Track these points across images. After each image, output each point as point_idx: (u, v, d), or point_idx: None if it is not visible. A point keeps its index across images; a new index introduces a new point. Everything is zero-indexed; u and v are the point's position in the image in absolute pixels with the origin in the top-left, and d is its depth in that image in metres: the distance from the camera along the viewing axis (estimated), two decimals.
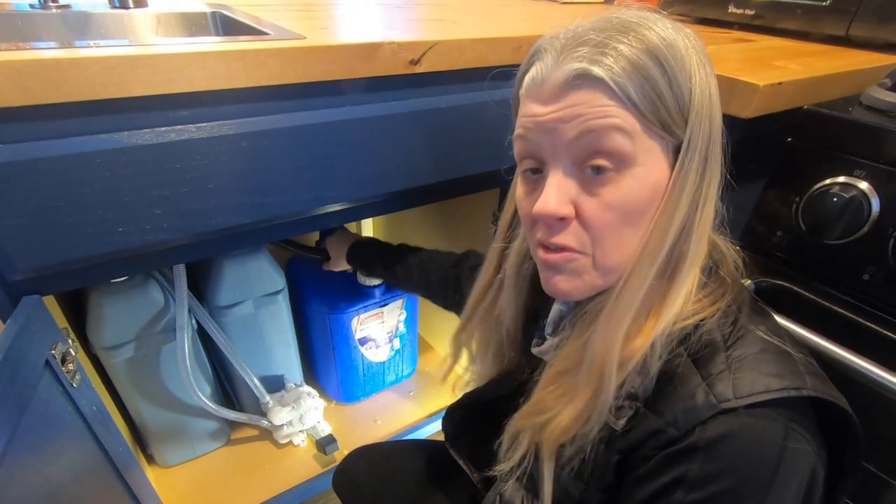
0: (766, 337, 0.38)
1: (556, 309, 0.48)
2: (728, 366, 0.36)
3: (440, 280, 0.78)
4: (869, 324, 0.57)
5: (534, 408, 0.44)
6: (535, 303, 0.52)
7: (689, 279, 0.39)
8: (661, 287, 0.39)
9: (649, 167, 0.37)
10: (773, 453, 0.34)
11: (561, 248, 0.39)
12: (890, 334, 0.55)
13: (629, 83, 0.35)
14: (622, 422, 0.38)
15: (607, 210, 0.37)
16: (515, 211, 0.48)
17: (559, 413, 0.41)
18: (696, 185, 0.37)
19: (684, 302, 0.38)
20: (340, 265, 0.97)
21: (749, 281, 0.44)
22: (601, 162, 0.36)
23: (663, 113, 0.36)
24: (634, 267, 0.38)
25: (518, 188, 0.43)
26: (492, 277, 0.54)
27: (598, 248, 0.38)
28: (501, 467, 0.49)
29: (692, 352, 0.38)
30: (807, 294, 0.41)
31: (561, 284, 0.41)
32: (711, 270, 0.41)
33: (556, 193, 0.37)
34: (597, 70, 0.35)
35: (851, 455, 0.38)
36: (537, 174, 0.40)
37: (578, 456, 0.41)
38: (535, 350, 0.49)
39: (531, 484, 0.46)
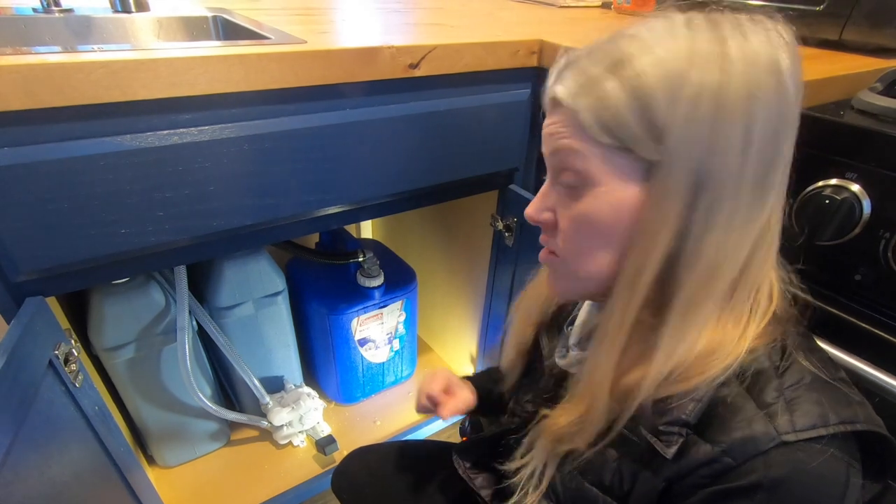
0: (812, 367, 0.37)
1: (581, 323, 0.49)
2: (782, 395, 0.35)
3: None
4: (861, 323, 0.57)
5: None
6: (549, 318, 0.54)
7: (696, 320, 0.36)
8: (661, 324, 0.37)
9: (612, 187, 0.36)
10: (838, 490, 0.33)
11: (546, 248, 0.43)
12: (881, 333, 0.56)
13: (583, 105, 0.35)
14: (673, 449, 0.37)
15: (572, 222, 0.39)
16: None
17: (557, 416, 0.43)
18: (680, 214, 0.34)
19: (692, 346, 0.37)
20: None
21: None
22: (567, 178, 0.38)
23: (622, 134, 0.34)
24: (617, 289, 0.38)
25: None
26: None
27: (569, 254, 0.41)
28: (510, 466, 0.50)
29: (743, 378, 0.37)
30: (800, 294, 0.42)
31: (551, 281, 0.45)
32: (757, 311, 0.38)
33: (537, 201, 0.42)
34: (561, 92, 0.37)
35: (873, 469, 0.37)
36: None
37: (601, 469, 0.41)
38: (561, 363, 0.49)
39: (553, 494, 0.46)
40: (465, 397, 0.68)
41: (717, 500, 0.35)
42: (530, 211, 0.42)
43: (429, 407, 0.67)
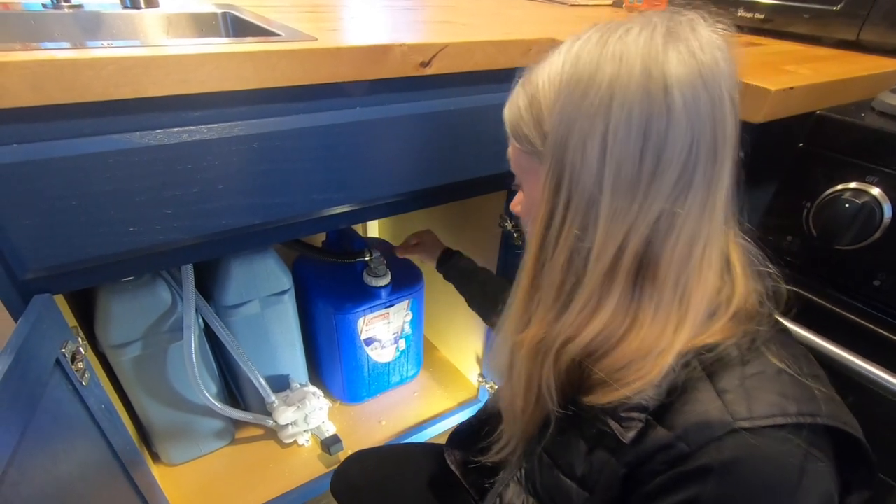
0: (779, 361, 0.37)
1: None
2: (743, 383, 0.35)
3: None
4: (879, 330, 0.56)
5: None
6: None
7: (588, 301, 0.38)
8: (547, 298, 0.40)
9: (532, 184, 0.42)
10: (791, 476, 0.33)
11: None
12: None
13: (507, 111, 0.42)
14: (631, 434, 0.37)
15: (522, 215, 0.46)
16: None
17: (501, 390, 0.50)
18: (550, 204, 0.38)
19: (599, 319, 0.38)
20: (428, 259, 0.99)
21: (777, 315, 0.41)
22: (516, 177, 0.45)
23: (522, 135, 0.40)
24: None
25: None
26: None
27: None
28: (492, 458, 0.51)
29: (706, 365, 0.37)
30: (817, 299, 0.41)
31: None
32: (688, 313, 0.38)
33: (516, 197, 0.49)
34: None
35: (859, 474, 0.37)
36: None
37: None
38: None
39: (532, 487, 0.46)
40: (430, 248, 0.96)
41: (670, 486, 0.35)
42: (511, 204, 0.50)
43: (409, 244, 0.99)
